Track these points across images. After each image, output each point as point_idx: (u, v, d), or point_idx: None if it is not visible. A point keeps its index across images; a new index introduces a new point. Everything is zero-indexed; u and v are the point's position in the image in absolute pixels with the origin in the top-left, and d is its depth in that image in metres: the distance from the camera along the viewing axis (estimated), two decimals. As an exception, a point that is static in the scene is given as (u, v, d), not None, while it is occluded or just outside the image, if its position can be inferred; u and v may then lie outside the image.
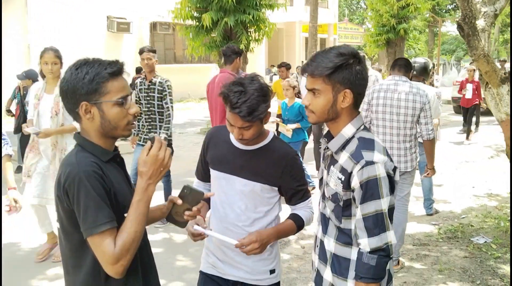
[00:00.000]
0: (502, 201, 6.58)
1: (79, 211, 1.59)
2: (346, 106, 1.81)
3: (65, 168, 1.64)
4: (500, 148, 10.10)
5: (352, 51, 1.80)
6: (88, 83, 1.65)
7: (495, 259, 4.51)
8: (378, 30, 16.33)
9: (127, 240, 1.59)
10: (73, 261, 1.71)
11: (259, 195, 2.22)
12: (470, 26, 4.65)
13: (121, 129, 1.73)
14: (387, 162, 1.76)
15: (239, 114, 2.01)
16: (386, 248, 1.75)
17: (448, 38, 48.90)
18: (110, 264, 1.57)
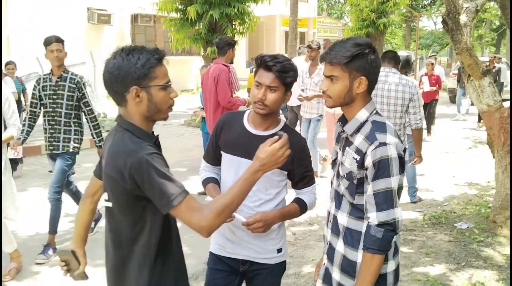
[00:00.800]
0: (481, 189, 6.87)
1: (154, 190, 1.71)
2: (360, 92, 1.97)
3: (125, 155, 1.74)
4: (478, 140, 10.46)
5: (367, 41, 1.97)
6: (141, 68, 1.76)
7: (477, 242, 4.74)
8: (358, 25, 16.58)
9: (221, 205, 1.72)
10: (129, 235, 1.85)
11: (270, 178, 2.34)
12: (454, 21, 4.86)
13: (163, 112, 1.87)
14: (398, 144, 1.93)
15: (273, 68, 2.20)
16: (393, 223, 1.90)
17: (425, 33, 49.63)
18: (201, 223, 1.70)
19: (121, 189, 1.77)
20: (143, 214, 1.81)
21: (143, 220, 1.81)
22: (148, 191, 1.73)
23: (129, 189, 1.74)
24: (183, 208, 1.71)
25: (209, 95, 5.39)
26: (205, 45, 11.63)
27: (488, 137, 5.33)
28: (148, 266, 1.85)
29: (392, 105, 4.46)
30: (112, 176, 1.78)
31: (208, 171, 2.58)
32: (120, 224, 1.87)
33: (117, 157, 1.76)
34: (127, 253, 1.87)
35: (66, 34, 17.05)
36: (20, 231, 5.13)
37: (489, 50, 48.05)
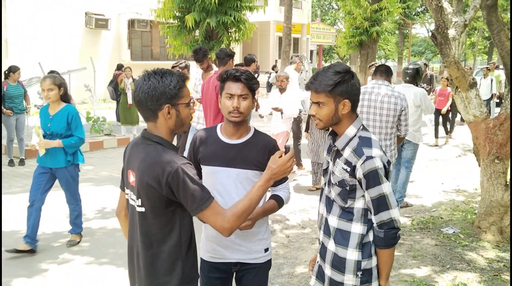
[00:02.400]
0: (468, 196, 7.12)
1: (186, 196, 1.99)
2: (345, 112, 2.24)
3: (163, 165, 1.99)
4: (467, 148, 10.72)
5: (346, 68, 2.24)
6: (173, 89, 2.05)
7: (462, 247, 4.99)
8: (351, 32, 16.79)
9: (240, 210, 2.05)
10: (159, 236, 2.11)
11: (252, 181, 2.55)
12: (442, 36, 5.10)
13: (185, 126, 2.17)
14: (382, 156, 2.21)
15: (241, 78, 2.46)
16: (390, 222, 2.19)
17: (417, 40, 50.12)
18: (224, 224, 2.01)
19: (157, 195, 2.02)
20: (173, 216, 2.09)
21: (173, 222, 2.09)
22: (181, 196, 2.00)
23: (164, 194, 2.01)
24: (210, 212, 2.02)
25: (210, 102, 5.61)
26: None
27: (474, 147, 5.58)
28: (181, 261, 2.13)
29: (384, 115, 4.75)
30: (149, 183, 2.02)
31: None
32: (152, 227, 2.11)
33: (155, 167, 2.01)
34: (157, 252, 2.12)
35: (64, 38, 17.34)
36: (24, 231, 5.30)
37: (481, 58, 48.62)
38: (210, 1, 10.72)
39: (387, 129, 4.80)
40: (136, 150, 2.15)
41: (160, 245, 2.12)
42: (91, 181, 7.65)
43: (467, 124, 5.51)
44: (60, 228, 5.49)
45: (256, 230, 2.60)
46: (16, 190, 7.03)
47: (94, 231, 5.43)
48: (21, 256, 4.71)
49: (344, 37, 17.40)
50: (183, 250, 2.14)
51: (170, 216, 2.09)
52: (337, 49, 36.79)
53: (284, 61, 20.20)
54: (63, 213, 5.90)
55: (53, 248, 4.95)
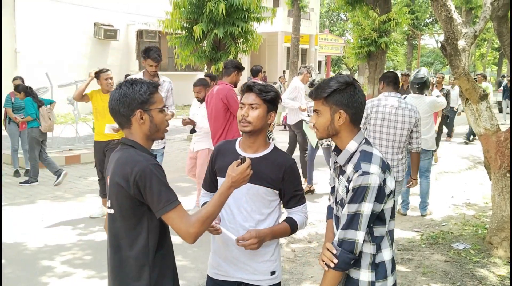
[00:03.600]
0: (479, 210, 6.98)
1: (152, 195, 2.00)
2: (341, 124, 2.16)
3: (132, 164, 2.02)
4: (477, 160, 10.57)
5: (347, 79, 2.16)
6: (143, 94, 2.11)
7: (473, 263, 4.85)
8: (360, 43, 16.72)
9: (204, 215, 2.04)
10: (128, 240, 2.10)
11: (263, 198, 2.48)
12: (452, 47, 5.02)
13: (161, 132, 2.20)
14: (380, 175, 2.07)
15: (253, 88, 2.44)
16: (351, 243, 2.07)
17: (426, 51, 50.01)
18: (188, 229, 1.99)
19: (126, 195, 2.03)
20: (142, 219, 2.07)
21: (142, 225, 2.08)
22: (148, 196, 2.00)
23: (132, 194, 2.02)
24: (175, 214, 2.00)
25: (215, 112, 5.58)
26: (209, 63, 11.84)
27: (485, 160, 5.46)
28: (148, 267, 2.10)
29: (392, 128, 4.60)
30: (118, 183, 2.04)
31: (206, 197, 2.72)
32: (120, 230, 2.11)
33: (125, 166, 2.04)
34: (125, 256, 2.11)
35: (73, 49, 17.43)
36: (29, 243, 5.25)
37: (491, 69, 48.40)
38: (218, 12, 10.72)
39: (399, 143, 4.65)
40: (113, 156, 2.18)
41: (127, 249, 2.11)
42: (96, 192, 7.60)
43: (478, 137, 5.39)
44: (62, 240, 5.42)
45: (262, 250, 2.50)
46: (21, 201, 6.98)
47: (97, 244, 5.35)
48: (21, 270, 4.64)
49: (353, 48, 17.32)
50: (150, 256, 2.10)
51: (138, 220, 2.08)
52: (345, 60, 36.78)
53: (292, 72, 20.21)
54: (66, 225, 5.85)
55: (55, 261, 4.87)
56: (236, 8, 11.16)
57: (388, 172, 2.12)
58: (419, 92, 6.33)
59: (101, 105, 5.85)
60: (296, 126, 7.99)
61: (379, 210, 2.08)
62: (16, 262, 4.80)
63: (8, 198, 6.89)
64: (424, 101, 6.31)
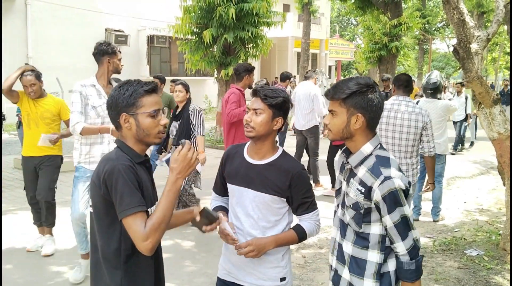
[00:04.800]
0: (492, 216, 6.87)
1: (116, 196, 1.92)
2: (358, 128, 2.09)
3: (105, 162, 1.99)
4: (490, 165, 10.44)
5: (368, 81, 2.09)
6: (127, 98, 2.04)
7: (487, 270, 4.76)
8: (370, 47, 16.66)
9: (156, 222, 1.90)
10: (102, 241, 2.05)
11: (269, 205, 2.41)
12: (465, 50, 4.95)
13: (152, 137, 2.09)
14: (402, 177, 2.03)
15: (259, 93, 2.37)
16: (415, 245, 2.04)
17: (437, 55, 49.72)
18: (141, 241, 1.88)
19: (98, 194, 1.99)
20: (115, 221, 1.98)
21: (114, 226, 2.00)
22: (113, 197, 1.94)
23: (102, 193, 1.97)
24: (132, 221, 1.90)
25: (224, 117, 5.66)
26: (219, 68, 11.85)
27: (498, 165, 5.37)
28: (120, 271, 2.04)
29: (404, 133, 4.56)
30: (93, 180, 2.02)
31: (216, 200, 2.69)
32: (96, 229, 2.08)
33: (100, 164, 2.02)
34: (101, 256, 2.07)
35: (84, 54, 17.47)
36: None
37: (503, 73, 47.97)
38: (228, 16, 10.74)
39: (407, 147, 4.60)
40: None
41: (102, 250, 2.06)
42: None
43: (491, 141, 5.31)
44: (71, 245, 5.41)
45: (271, 256, 2.45)
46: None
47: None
48: (30, 275, 4.63)
49: (363, 52, 17.26)
50: (123, 259, 2.03)
51: (111, 221, 2.00)
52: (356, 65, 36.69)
53: (302, 77, 20.17)
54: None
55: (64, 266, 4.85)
56: (246, 13, 11.17)
57: (404, 176, 2.08)
58: (432, 97, 6.29)
59: (34, 110, 4.96)
60: (309, 131, 7.93)
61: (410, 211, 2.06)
62: (25, 267, 4.79)
63: (18, 203, 6.90)
64: (436, 106, 6.27)
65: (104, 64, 4.35)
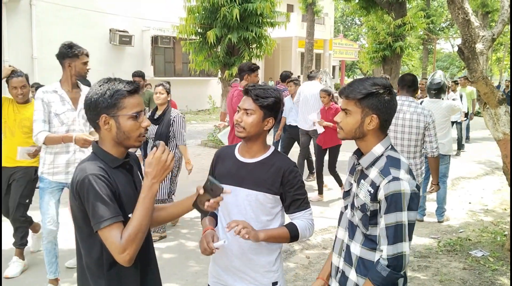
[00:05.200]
0: (497, 216, 6.84)
1: (89, 208, 1.85)
2: (371, 129, 2.07)
3: (77, 172, 1.92)
4: (495, 165, 10.40)
5: (384, 83, 2.07)
6: (108, 98, 1.94)
7: (492, 271, 4.74)
8: (374, 47, 16.61)
9: (132, 232, 1.84)
10: (84, 251, 1.98)
11: (262, 204, 2.37)
12: (470, 50, 4.93)
13: (133, 140, 2.00)
14: (410, 180, 2.00)
15: (250, 92, 2.34)
16: (400, 257, 1.97)
17: (442, 55, 49.57)
18: (118, 253, 1.82)
19: (75, 204, 1.92)
20: (94, 233, 1.88)
21: (94, 237, 1.90)
22: (86, 208, 1.86)
23: (77, 204, 1.90)
24: (107, 233, 1.83)
25: (232, 115, 5.80)
26: (223, 68, 11.85)
27: (504, 165, 5.34)
28: (104, 280, 1.97)
29: (406, 133, 4.56)
30: (71, 190, 1.95)
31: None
32: (78, 238, 2.01)
33: (74, 173, 1.95)
34: (84, 265, 2.00)
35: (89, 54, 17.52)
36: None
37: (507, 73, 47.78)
38: (232, 17, 10.74)
39: (409, 147, 4.61)
40: None
41: (86, 258, 1.99)
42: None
43: (496, 142, 5.29)
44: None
45: (263, 260, 2.42)
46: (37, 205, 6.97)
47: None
48: (35, 275, 4.64)
49: (367, 52, 17.21)
50: (105, 269, 1.95)
51: (91, 231, 1.88)
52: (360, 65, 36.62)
53: (305, 77, 20.16)
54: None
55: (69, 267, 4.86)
56: (250, 13, 11.16)
57: (415, 179, 2.05)
58: (435, 97, 6.29)
59: (12, 117, 4.61)
60: (314, 132, 7.90)
61: (415, 218, 2.01)
62: (30, 267, 4.80)
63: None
64: (440, 106, 6.26)
65: (66, 68, 4.10)
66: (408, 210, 1.98)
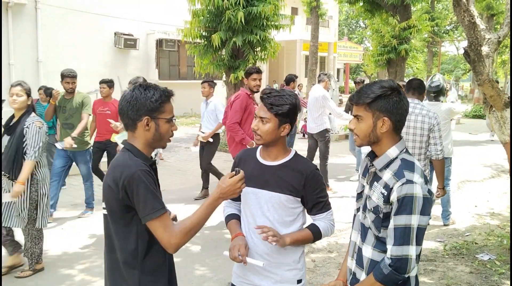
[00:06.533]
0: (503, 220, 6.80)
1: (139, 201, 1.99)
2: (384, 131, 2.07)
3: (122, 168, 2.03)
4: (501, 168, 10.35)
5: (392, 84, 2.07)
6: (154, 102, 2.10)
7: (499, 275, 4.71)
8: (379, 50, 16.59)
9: (188, 226, 2.03)
10: (118, 242, 2.12)
11: (285, 205, 2.42)
12: (476, 53, 4.91)
13: (164, 141, 2.19)
14: (423, 185, 1.99)
15: (265, 101, 2.38)
16: (405, 260, 1.96)
17: (446, 58, 49.47)
18: (171, 239, 2.00)
19: (115, 198, 2.04)
20: (131, 223, 2.07)
21: (131, 228, 2.08)
22: (135, 202, 2.00)
23: (120, 198, 2.02)
24: (158, 222, 2.00)
25: (225, 121, 5.83)
26: (228, 71, 11.86)
27: (510, 168, 5.32)
28: (138, 271, 2.11)
29: (411, 135, 4.58)
30: (109, 185, 2.05)
31: (229, 207, 2.68)
32: (112, 231, 2.14)
33: (116, 170, 2.05)
34: (118, 257, 2.13)
35: (93, 58, 17.63)
36: (48, 251, 5.25)
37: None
38: (237, 20, 10.75)
39: (414, 149, 4.63)
40: (113, 159, 2.19)
41: (118, 251, 2.12)
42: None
43: (503, 145, 5.26)
44: (82, 249, 5.42)
45: (289, 258, 2.46)
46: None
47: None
48: (40, 278, 4.64)
49: (372, 55, 17.20)
50: (140, 260, 2.10)
51: (127, 223, 2.07)
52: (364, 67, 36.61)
53: (310, 80, 20.15)
54: (85, 233, 5.86)
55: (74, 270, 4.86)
56: (254, 16, 11.18)
57: (429, 183, 2.05)
58: (435, 99, 6.32)
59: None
60: (320, 135, 7.92)
61: (426, 223, 1.99)
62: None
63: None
64: (440, 108, 6.26)
65: None
66: (420, 215, 1.96)
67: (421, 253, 4.57)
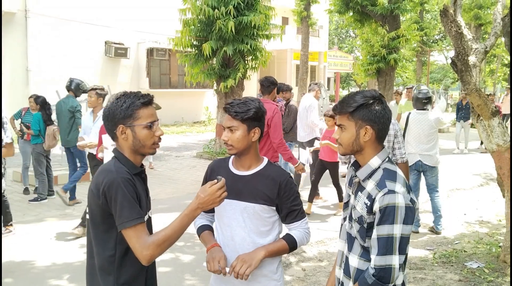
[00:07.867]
0: (492, 228, 6.85)
1: (116, 208, 1.99)
2: (367, 140, 2.09)
3: (105, 174, 2.05)
4: (490, 177, 10.43)
5: (373, 94, 2.11)
6: (125, 110, 2.10)
7: (488, 283, 4.74)
8: (369, 60, 16.72)
9: (162, 238, 1.98)
10: (97, 248, 2.12)
11: (260, 215, 2.40)
12: (463, 63, 4.98)
13: (147, 147, 2.16)
14: (405, 194, 2.00)
15: (228, 110, 2.37)
16: (388, 269, 1.97)
17: (436, 67, 49.89)
18: (142, 250, 1.96)
19: (96, 203, 2.06)
20: (111, 229, 2.06)
21: (110, 234, 2.08)
22: (112, 208, 2.01)
23: (100, 203, 2.03)
24: (132, 232, 1.98)
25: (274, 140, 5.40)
26: (218, 80, 11.89)
27: (498, 177, 5.37)
28: (113, 277, 2.09)
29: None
30: (92, 190, 2.08)
31: (201, 218, 2.62)
32: (92, 236, 2.14)
33: (99, 175, 2.08)
34: (95, 263, 2.13)
35: (84, 66, 17.58)
36: (37, 261, 5.21)
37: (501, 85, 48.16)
38: (227, 29, 10.81)
39: None
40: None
41: (96, 257, 2.12)
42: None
43: (490, 153, 5.31)
44: (71, 259, 5.39)
45: (265, 269, 2.43)
46: (30, 218, 6.97)
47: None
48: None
49: (362, 64, 17.32)
50: (116, 266, 2.09)
51: (107, 228, 2.07)
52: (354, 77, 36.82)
53: (301, 89, 20.23)
54: (74, 243, 5.83)
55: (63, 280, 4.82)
56: (245, 26, 11.24)
57: (411, 192, 2.07)
58: (422, 107, 6.41)
59: None
60: (310, 143, 7.96)
61: (409, 232, 2.01)
62: (24, 280, 4.77)
63: (17, 216, 6.87)
64: (428, 118, 6.36)
65: None
66: (403, 224, 1.98)
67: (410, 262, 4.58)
